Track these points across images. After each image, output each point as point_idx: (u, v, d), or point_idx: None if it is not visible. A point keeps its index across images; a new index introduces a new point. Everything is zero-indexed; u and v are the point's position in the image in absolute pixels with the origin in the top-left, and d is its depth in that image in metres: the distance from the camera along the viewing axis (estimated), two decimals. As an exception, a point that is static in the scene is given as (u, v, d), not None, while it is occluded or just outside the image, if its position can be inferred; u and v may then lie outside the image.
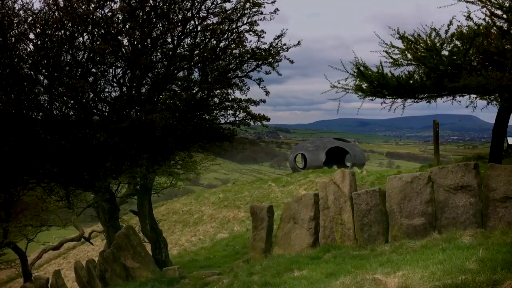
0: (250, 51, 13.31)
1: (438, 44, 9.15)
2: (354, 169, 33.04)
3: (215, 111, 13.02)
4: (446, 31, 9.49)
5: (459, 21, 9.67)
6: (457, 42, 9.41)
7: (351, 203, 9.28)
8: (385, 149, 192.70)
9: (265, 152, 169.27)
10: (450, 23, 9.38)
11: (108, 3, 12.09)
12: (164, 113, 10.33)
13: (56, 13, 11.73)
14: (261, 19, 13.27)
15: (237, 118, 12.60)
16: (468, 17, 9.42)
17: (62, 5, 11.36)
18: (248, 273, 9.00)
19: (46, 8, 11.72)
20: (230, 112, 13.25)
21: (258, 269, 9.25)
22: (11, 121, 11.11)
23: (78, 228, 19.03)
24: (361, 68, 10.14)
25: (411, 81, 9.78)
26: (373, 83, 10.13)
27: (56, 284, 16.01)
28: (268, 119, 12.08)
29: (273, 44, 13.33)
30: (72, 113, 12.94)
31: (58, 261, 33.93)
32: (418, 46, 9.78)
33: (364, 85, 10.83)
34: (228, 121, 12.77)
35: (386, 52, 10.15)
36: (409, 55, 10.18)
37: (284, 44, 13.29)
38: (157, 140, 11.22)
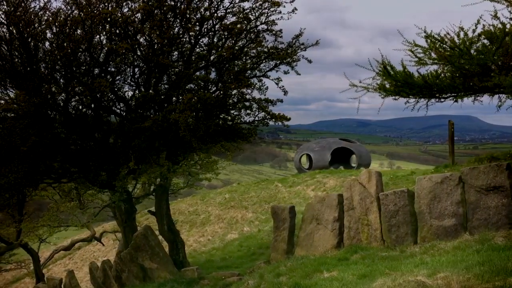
0: (267, 51, 13.22)
1: (467, 43, 9.05)
2: (361, 170, 32.96)
3: (233, 111, 12.92)
4: (474, 30, 9.40)
5: (484, 20, 9.59)
6: (485, 41, 9.32)
7: (378, 203, 9.20)
8: (385, 149, 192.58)
9: (265, 153, 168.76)
10: (478, 22, 9.30)
11: (127, 2, 12.03)
12: (187, 112, 10.25)
13: (75, 12, 11.64)
14: (278, 19, 13.19)
15: (256, 118, 12.51)
16: (495, 16, 9.35)
17: (82, 4, 11.27)
18: (275, 274, 8.91)
19: (65, 7, 11.63)
20: (248, 111, 13.17)
21: (283, 270, 9.15)
22: (31, 120, 11.01)
23: (89, 229, 18.93)
24: (387, 67, 10.05)
25: (437, 81, 9.68)
26: (398, 82, 10.04)
27: (69, 285, 15.91)
28: (289, 119, 11.97)
29: (291, 44, 13.24)
30: (89, 112, 12.84)
31: (64, 261, 33.80)
32: (445, 45, 9.68)
33: (388, 84, 10.74)
34: (247, 120, 12.66)
35: (411, 51, 10.05)
36: (433, 54, 10.09)
37: (302, 44, 13.18)
38: (179, 140, 11.12)
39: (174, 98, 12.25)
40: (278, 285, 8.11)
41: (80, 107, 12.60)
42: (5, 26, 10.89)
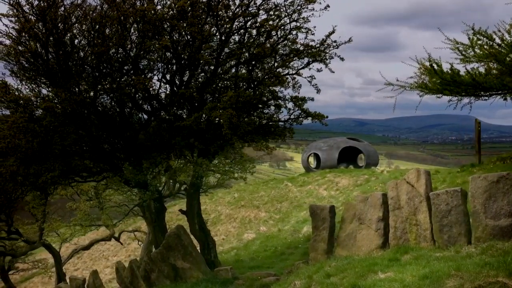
0: (299, 48, 13.07)
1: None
2: (373, 169, 32.85)
3: (265, 109, 12.77)
4: (523, 28, 9.29)
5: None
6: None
7: (427, 203, 9.05)
8: (383, 149, 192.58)
9: (264, 151, 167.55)
10: (528, 20, 9.19)
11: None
12: (229, 110, 10.08)
13: (108, 10, 11.45)
14: (310, 16, 13.03)
15: (292, 116, 12.35)
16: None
17: (117, 1, 11.09)
18: (324, 275, 8.75)
19: (101, 5, 11.42)
20: (277, 110, 13.03)
21: (330, 270, 8.99)
22: (67, 118, 10.82)
23: (108, 228, 18.75)
24: (433, 65, 9.91)
25: (485, 78, 9.55)
26: (444, 80, 9.90)
27: (93, 285, 15.72)
28: (326, 117, 11.80)
29: (323, 41, 13.08)
30: (119, 110, 12.65)
31: (73, 260, 33.50)
32: (492, 43, 9.55)
33: (429, 82, 10.62)
34: (283, 119, 12.52)
35: (458, 49, 9.92)
36: (477, 51, 9.96)
37: (335, 41, 13.02)
38: (217, 138, 10.97)
39: (209, 96, 12.09)
40: (332, 286, 7.95)
41: (113, 103, 12.40)
42: (40, 23, 10.66)
